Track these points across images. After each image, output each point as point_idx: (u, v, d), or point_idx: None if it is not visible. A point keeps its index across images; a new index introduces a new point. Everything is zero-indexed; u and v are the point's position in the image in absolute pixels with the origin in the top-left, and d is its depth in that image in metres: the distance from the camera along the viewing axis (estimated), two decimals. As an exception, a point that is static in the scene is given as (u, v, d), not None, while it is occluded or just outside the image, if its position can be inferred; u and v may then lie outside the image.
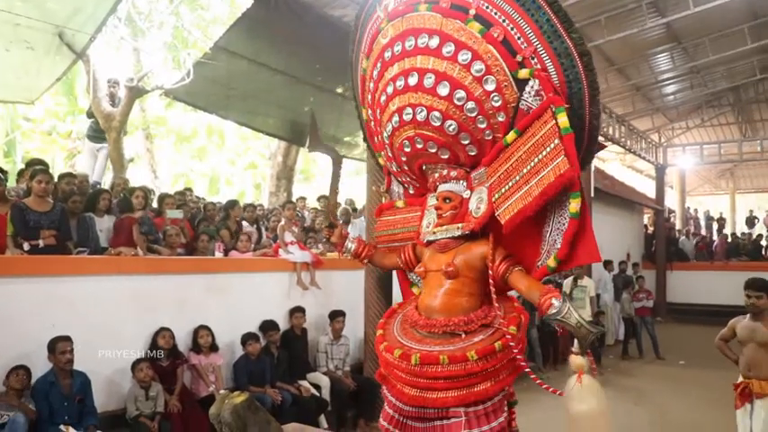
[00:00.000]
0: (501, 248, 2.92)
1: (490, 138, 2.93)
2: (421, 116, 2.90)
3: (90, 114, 10.27)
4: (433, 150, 3.01)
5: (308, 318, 7.11)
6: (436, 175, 3.12)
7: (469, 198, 3.04)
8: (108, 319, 5.47)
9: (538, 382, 2.79)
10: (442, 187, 3.08)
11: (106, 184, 9.21)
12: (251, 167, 20.73)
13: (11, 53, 8.33)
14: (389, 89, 3.00)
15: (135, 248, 6.10)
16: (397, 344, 2.99)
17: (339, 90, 10.91)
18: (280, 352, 6.64)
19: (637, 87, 15.90)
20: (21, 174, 7.22)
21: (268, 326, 6.63)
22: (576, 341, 2.65)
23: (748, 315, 4.99)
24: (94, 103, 9.97)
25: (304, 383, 6.67)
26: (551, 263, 2.77)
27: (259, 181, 20.53)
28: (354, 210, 10.59)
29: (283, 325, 6.92)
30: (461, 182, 3.06)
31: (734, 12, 11.83)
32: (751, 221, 20.97)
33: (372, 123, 3.39)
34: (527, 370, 2.81)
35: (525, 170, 2.70)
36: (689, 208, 23.30)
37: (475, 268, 2.94)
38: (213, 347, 6.09)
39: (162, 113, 17.48)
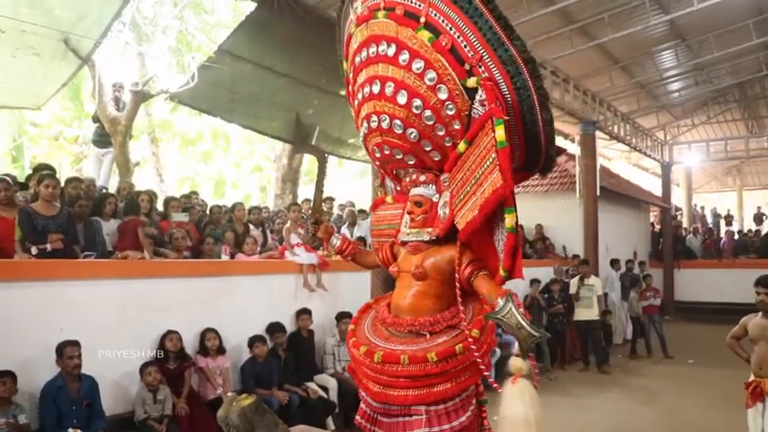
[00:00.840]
0: (468, 252, 2.94)
1: (450, 144, 2.94)
2: (385, 124, 2.94)
3: (95, 119, 10.33)
4: (399, 157, 3.06)
5: (315, 319, 7.12)
6: (407, 179, 3.16)
7: (438, 202, 3.08)
8: (115, 322, 5.49)
9: (491, 380, 2.86)
10: (414, 191, 3.11)
11: (112, 188, 9.24)
12: (256, 170, 20.79)
13: (17, 59, 8.37)
14: (360, 95, 3.05)
15: (141, 252, 6.12)
16: (364, 340, 3.05)
17: (343, 92, 10.86)
18: (287, 354, 6.65)
19: (641, 85, 15.82)
20: (28, 179, 7.25)
21: (275, 328, 6.64)
22: (516, 344, 2.64)
23: (760, 313, 4.96)
24: (100, 107, 10.02)
25: (311, 385, 6.67)
26: (502, 272, 2.74)
27: (264, 184, 20.57)
28: (362, 211, 10.59)
29: (290, 327, 6.93)
30: (431, 185, 3.09)
31: (738, 7, 11.77)
32: (759, 218, 20.90)
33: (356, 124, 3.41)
34: (486, 374, 2.88)
35: (475, 180, 2.71)
36: (695, 205, 23.20)
37: (443, 271, 2.98)
38: (220, 350, 6.11)
39: (167, 117, 17.54)
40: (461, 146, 2.82)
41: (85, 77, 12.39)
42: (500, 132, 2.53)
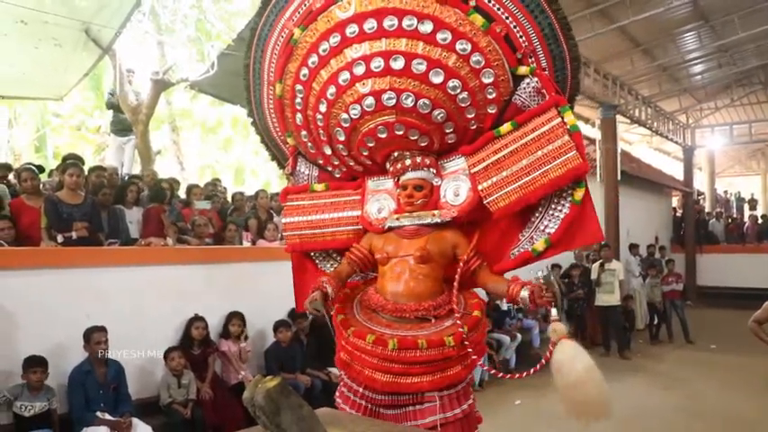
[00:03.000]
0: (469, 242, 3.03)
1: (474, 127, 2.99)
2: (407, 102, 2.81)
3: (109, 105, 10.31)
4: (414, 138, 2.95)
5: (336, 305, 7.16)
6: (407, 162, 3.04)
7: (440, 186, 3.09)
8: (140, 308, 5.57)
9: (492, 372, 3.13)
10: (413, 174, 3.04)
11: (135, 176, 9.34)
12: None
13: (40, 50, 8.47)
14: (358, 69, 2.81)
15: (164, 238, 6.20)
16: (366, 329, 2.94)
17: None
18: (309, 339, 6.70)
19: (663, 68, 15.60)
20: (57, 169, 7.36)
21: (296, 314, 6.69)
22: (553, 309, 2.79)
23: (784, 297, 4.91)
24: (121, 96, 10.10)
25: (333, 370, 6.71)
26: (539, 247, 2.90)
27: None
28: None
29: (312, 312, 6.96)
30: (431, 169, 3.08)
31: (764, -13, 11.58)
32: (783, 202, 20.61)
33: (298, 101, 3.11)
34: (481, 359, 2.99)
35: (526, 161, 2.82)
36: (717, 189, 22.91)
37: (445, 256, 3.03)
38: (244, 336, 6.16)
39: (187, 106, 17.64)
40: (505, 127, 2.90)
41: (107, 67, 12.49)
42: (570, 117, 2.79)
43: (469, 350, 2.83)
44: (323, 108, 3.00)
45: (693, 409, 7.08)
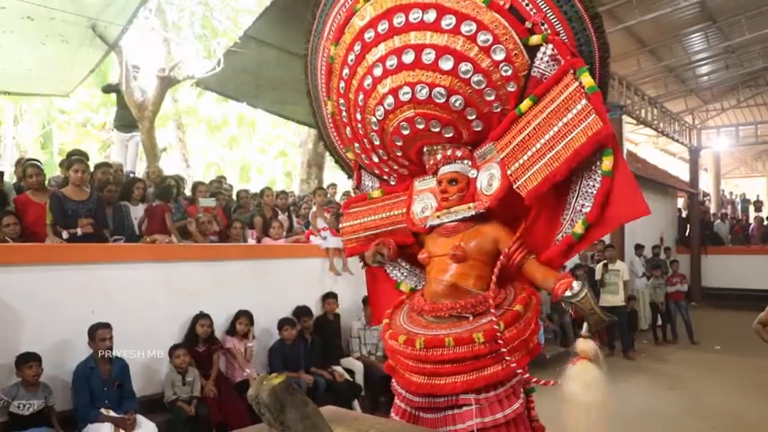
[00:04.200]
0: (513, 234, 2.85)
1: (498, 110, 2.83)
2: (422, 94, 2.76)
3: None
4: (437, 129, 2.88)
5: (341, 303, 7.16)
6: (438, 156, 2.98)
7: (476, 178, 2.96)
8: (145, 304, 5.58)
9: (534, 380, 2.80)
10: (447, 168, 2.97)
11: (140, 173, 9.34)
12: (281, 155, 20.86)
13: (46, 47, 8.50)
14: (377, 71, 2.83)
15: (169, 236, 6.21)
16: (402, 330, 2.92)
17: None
18: (313, 337, 6.71)
19: (669, 69, 15.58)
20: (62, 164, 7.38)
21: (301, 312, 6.69)
22: (585, 325, 2.63)
23: (788, 298, 4.90)
24: (127, 93, 10.11)
25: (338, 369, 6.72)
26: (578, 229, 2.65)
27: (289, 169, 20.65)
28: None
29: (316, 311, 6.98)
30: (466, 161, 2.97)
31: (771, -12, 11.55)
32: (789, 204, 20.52)
33: (344, 114, 3.19)
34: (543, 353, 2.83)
35: (548, 136, 2.62)
36: (723, 191, 22.84)
37: (486, 252, 2.87)
38: (250, 334, 6.16)
39: (193, 103, 17.67)
40: (525, 103, 2.72)
41: (113, 64, 12.51)
42: (588, 79, 2.54)
43: (503, 348, 2.65)
44: (359, 116, 3.03)
45: (698, 410, 7.06)
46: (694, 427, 6.51)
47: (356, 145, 3.30)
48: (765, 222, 18.26)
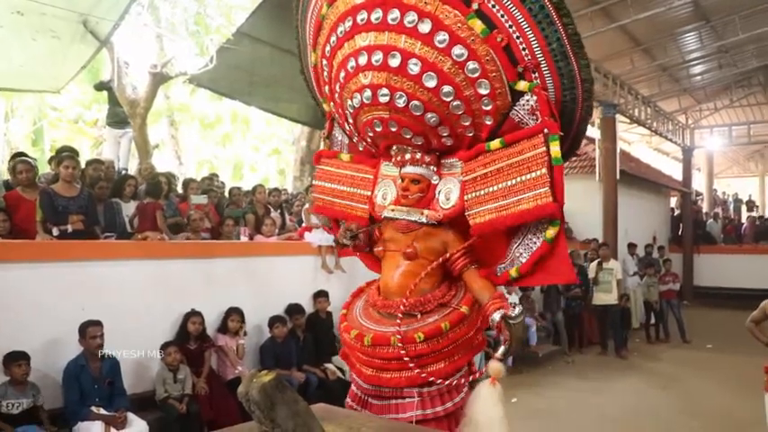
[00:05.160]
0: (462, 241, 2.94)
1: (471, 134, 2.87)
2: (399, 102, 2.73)
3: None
4: (408, 136, 2.89)
5: (334, 301, 7.14)
6: (407, 156, 2.99)
7: (437, 185, 3.01)
8: (136, 302, 5.54)
9: (478, 374, 2.91)
10: (412, 169, 2.99)
11: (132, 170, 9.29)
12: (275, 153, 20.83)
13: (37, 42, 8.43)
14: (362, 59, 2.76)
15: (161, 233, 6.17)
16: (355, 324, 3.03)
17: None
18: (305, 335, 6.69)
19: (663, 68, 15.59)
20: (51, 161, 7.33)
21: (293, 309, 6.68)
22: (501, 348, 2.68)
23: (780, 296, 4.91)
24: (119, 89, 10.06)
25: (330, 366, 6.71)
26: (513, 273, 2.81)
27: (283, 166, 20.62)
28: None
29: (309, 308, 6.96)
30: (432, 167, 3.00)
31: (765, -12, 11.56)
32: (781, 204, 20.61)
33: (325, 74, 3.14)
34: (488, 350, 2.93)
35: (505, 184, 2.69)
36: (716, 190, 22.94)
37: (436, 252, 2.95)
38: (242, 331, 6.13)
39: (186, 101, 17.60)
40: (494, 143, 2.75)
41: (105, 60, 12.45)
42: (555, 149, 2.56)
43: (449, 347, 2.82)
44: (337, 88, 3.01)
45: (690, 408, 7.08)
46: (686, 426, 6.54)
47: (331, 104, 3.29)
48: (757, 222, 18.34)
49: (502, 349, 2.67)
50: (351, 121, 3.09)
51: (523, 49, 2.64)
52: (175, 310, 5.82)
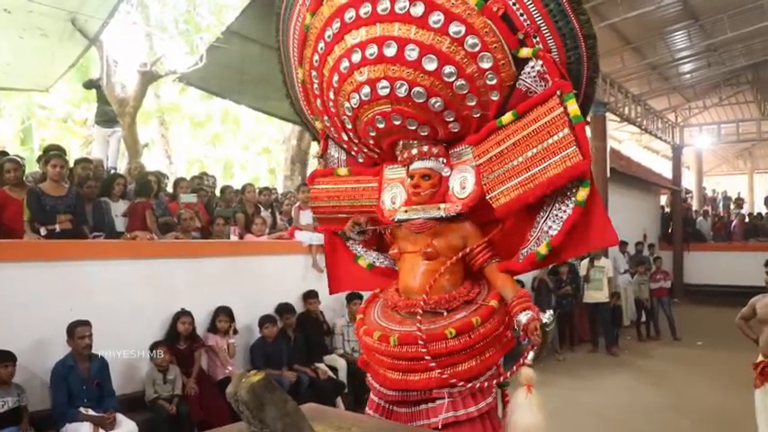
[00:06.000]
0: (481, 236, 2.85)
1: (478, 115, 2.77)
2: (401, 91, 2.65)
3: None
4: (413, 127, 2.80)
5: (324, 300, 7.12)
6: (414, 151, 2.90)
7: (449, 176, 2.91)
8: (125, 302, 5.50)
9: (508, 374, 2.78)
10: (421, 164, 2.90)
11: (121, 169, 9.24)
12: (265, 152, 20.77)
13: (25, 41, 8.37)
14: (355, 57, 2.69)
15: (150, 233, 6.14)
16: (376, 326, 2.89)
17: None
18: (296, 335, 6.66)
19: (653, 66, 15.65)
20: (40, 160, 7.27)
21: (284, 309, 6.65)
22: (531, 353, 2.59)
23: (769, 293, 4.94)
24: (108, 88, 10.00)
25: (321, 366, 6.69)
26: (542, 250, 2.65)
27: (273, 165, 20.56)
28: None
29: (299, 307, 6.93)
30: (441, 159, 2.90)
31: (753, -13, 11.63)
32: (770, 201, 20.71)
33: (315, 87, 3.04)
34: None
35: (525, 156, 2.59)
36: (705, 188, 23.05)
37: (456, 249, 2.85)
38: (232, 330, 6.10)
39: (176, 99, 17.52)
40: (506, 117, 2.66)
41: (94, 59, 12.37)
42: (573, 107, 2.48)
43: (480, 343, 2.69)
44: (332, 95, 2.92)
45: (680, 405, 7.11)
46: (677, 422, 6.56)
47: (326, 118, 3.19)
48: (747, 220, 18.43)
49: (531, 354, 2.58)
50: (350, 126, 2.99)
51: (521, 14, 2.57)
52: (165, 309, 5.78)
